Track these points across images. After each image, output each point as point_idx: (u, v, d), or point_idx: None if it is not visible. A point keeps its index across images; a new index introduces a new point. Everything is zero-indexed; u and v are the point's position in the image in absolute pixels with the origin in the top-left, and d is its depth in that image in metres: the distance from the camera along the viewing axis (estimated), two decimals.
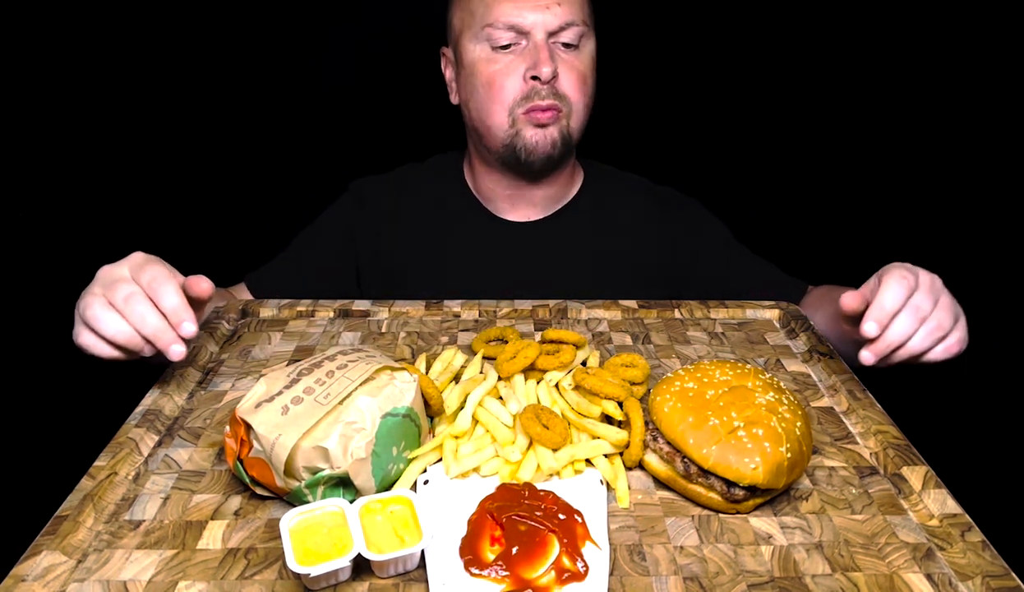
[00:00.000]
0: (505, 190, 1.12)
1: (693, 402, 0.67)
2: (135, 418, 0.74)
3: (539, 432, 0.66)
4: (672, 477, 0.66)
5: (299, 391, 0.64)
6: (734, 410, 0.65)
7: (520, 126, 1.03)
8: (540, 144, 1.03)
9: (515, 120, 1.02)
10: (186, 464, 0.70)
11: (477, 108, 1.06)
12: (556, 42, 1.02)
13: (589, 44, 1.06)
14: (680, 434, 0.65)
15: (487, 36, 1.02)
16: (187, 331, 0.72)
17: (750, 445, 0.63)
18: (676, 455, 0.66)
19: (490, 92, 1.03)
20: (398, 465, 0.66)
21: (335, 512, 0.59)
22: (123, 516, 0.63)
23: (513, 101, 1.02)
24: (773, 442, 0.63)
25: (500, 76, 1.02)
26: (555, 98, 1.01)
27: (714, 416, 0.65)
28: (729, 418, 0.65)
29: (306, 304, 0.98)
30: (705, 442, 0.64)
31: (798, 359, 0.88)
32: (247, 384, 0.82)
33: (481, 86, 1.04)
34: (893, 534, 0.62)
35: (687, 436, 0.65)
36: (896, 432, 0.74)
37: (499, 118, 1.03)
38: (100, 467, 0.67)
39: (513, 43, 1.02)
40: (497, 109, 1.03)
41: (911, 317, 0.75)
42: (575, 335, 0.82)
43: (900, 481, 0.68)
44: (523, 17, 1.00)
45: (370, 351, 0.71)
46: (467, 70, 1.06)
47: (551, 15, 1.00)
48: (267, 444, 0.61)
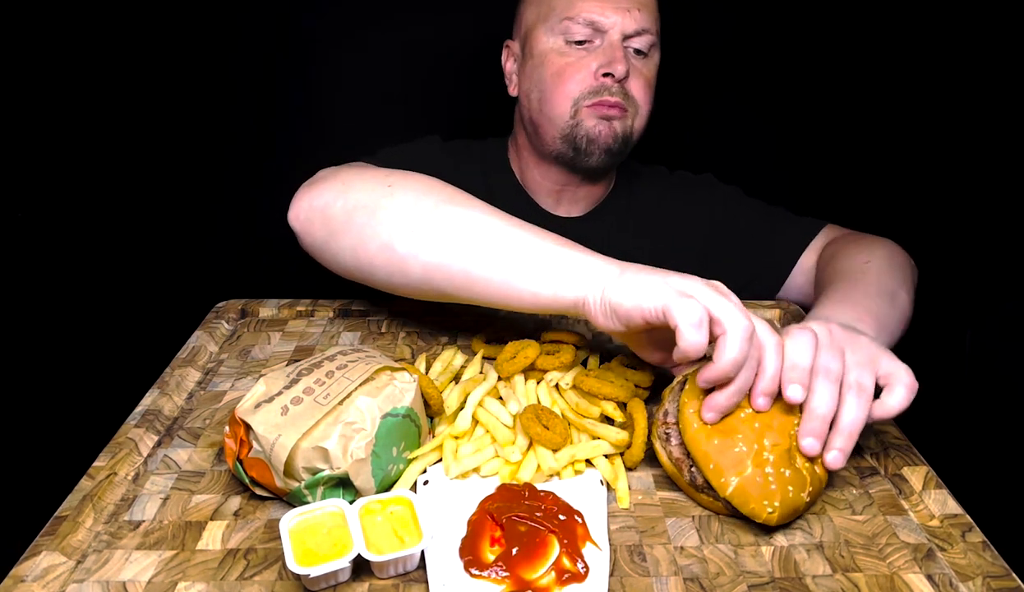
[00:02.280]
0: (553, 185, 1.12)
1: (724, 421, 0.63)
2: (134, 418, 0.74)
3: (539, 432, 0.66)
4: (677, 476, 0.66)
5: (299, 391, 0.64)
6: (767, 438, 0.61)
7: (582, 117, 1.02)
8: (603, 134, 1.03)
9: (578, 110, 1.02)
10: (185, 464, 0.70)
11: (540, 98, 1.05)
12: (628, 47, 1.03)
13: (656, 55, 1.07)
14: (704, 454, 0.62)
15: (564, 29, 1.02)
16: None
17: (773, 487, 0.60)
18: (687, 464, 0.64)
19: (558, 82, 1.03)
20: (398, 465, 0.66)
21: (335, 513, 0.59)
22: (122, 516, 0.63)
23: (580, 94, 1.02)
24: (797, 487, 0.60)
25: (571, 69, 1.02)
26: (623, 98, 1.02)
27: (743, 442, 0.61)
28: (760, 446, 0.61)
29: (305, 304, 0.98)
30: (727, 470, 0.60)
31: None
32: (247, 384, 0.82)
33: (549, 76, 1.04)
34: (894, 534, 0.62)
35: (710, 459, 0.61)
36: (897, 432, 0.74)
37: (562, 108, 1.03)
38: (99, 467, 0.67)
39: (588, 40, 1.02)
40: (561, 99, 1.03)
41: (824, 385, 0.63)
42: (575, 335, 0.82)
43: (901, 481, 0.68)
44: (604, 15, 1.01)
45: (370, 351, 0.71)
46: (536, 60, 1.06)
47: (631, 19, 1.01)
48: (267, 445, 0.61)
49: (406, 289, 0.79)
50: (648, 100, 1.05)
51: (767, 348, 0.62)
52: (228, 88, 1.42)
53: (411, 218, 0.76)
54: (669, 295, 0.62)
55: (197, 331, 0.92)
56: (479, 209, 0.76)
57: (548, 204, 1.14)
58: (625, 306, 0.64)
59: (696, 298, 0.61)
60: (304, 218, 0.83)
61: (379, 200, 0.78)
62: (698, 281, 0.64)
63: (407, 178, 0.80)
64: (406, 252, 0.75)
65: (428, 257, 0.74)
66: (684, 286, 0.63)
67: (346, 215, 0.79)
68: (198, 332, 0.92)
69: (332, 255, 0.82)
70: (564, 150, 1.05)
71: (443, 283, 0.75)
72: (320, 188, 0.83)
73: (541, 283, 0.70)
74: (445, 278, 0.74)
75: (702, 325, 0.60)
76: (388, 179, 0.80)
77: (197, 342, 0.89)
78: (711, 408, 0.63)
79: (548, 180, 1.12)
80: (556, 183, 1.12)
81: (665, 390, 0.70)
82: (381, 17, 1.39)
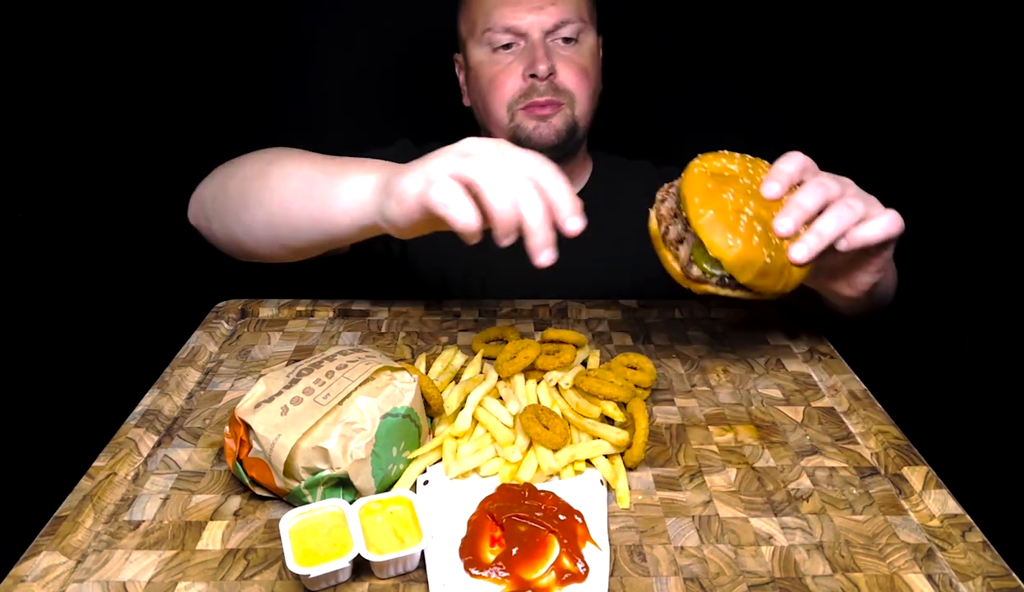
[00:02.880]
0: None
1: (723, 177, 0.69)
2: (134, 418, 0.74)
3: (539, 432, 0.66)
4: (656, 236, 0.71)
5: (298, 391, 0.64)
6: (754, 201, 0.67)
7: (518, 120, 1.06)
8: (543, 134, 1.05)
9: (514, 115, 1.06)
10: (185, 464, 0.70)
11: (482, 108, 1.10)
12: (555, 39, 1.05)
13: (589, 38, 1.09)
14: (691, 190, 0.68)
15: (488, 40, 1.06)
16: (573, 226, 0.66)
17: (742, 229, 0.65)
18: (669, 218, 0.69)
19: (492, 90, 1.07)
20: (398, 466, 0.66)
21: (335, 513, 0.59)
22: (122, 516, 0.63)
23: (512, 99, 1.05)
24: (762, 242, 0.65)
25: (501, 75, 1.06)
26: (554, 94, 1.04)
27: (733, 194, 0.67)
28: (744, 202, 0.66)
29: (305, 304, 0.98)
30: (707, 205, 0.66)
31: (799, 359, 0.88)
32: (246, 384, 0.82)
33: (484, 86, 1.08)
34: (894, 534, 0.62)
35: (695, 195, 0.67)
36: (897, 432, 0.74)
37: (499, 114, 1.07)
38: (99, 467, 0.67)
39: (513, 43, 1.06)
40: (497, 107, 1.07)
41: (815, 188, 0.69)
42: (575, 335, 0.82)
43: (901, 481, 0.68)
44: (519, 19, 1.04)
45: (370, 351, 0.71)
46: (473, 72, 1.11)
47: (545, 15, 1.04)
48: (266, 445, 0.61)
49: (281, 250, 0.87)
50: (587, 85, 1.06)
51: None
52: (227, 88, 1.42)
53: (248, 185, 0.86)
54: (423, 186, 0.68)
55: (197, 331, 0.92)
56: (294, 160, 0.84)
57: None
58: (405, 204, 0.70)
59: (452, 172, 0.66)
60: (192, 215, 0.96)
61: (225, 182, 0.90)
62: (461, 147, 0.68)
63: (248, 157, 0.90)
64: (252, 217, 0.85)
65: (263, 213, 0.84)
66: (440, 164, 0.68)
67: (212, 202, 0.92)
68: (198, 332, 0.92)
69: (218, 241, 0.94)
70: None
71: (287, 230, 0.83)
72: (199, 188, 0.95)
73: (347, 202, 0.77)
74: (285, 224, 0.83)
75: (458, 205, 0.65)
76: (235, 161, 0.91)
77: (197, 342, 0.89)
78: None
79: None
80: None
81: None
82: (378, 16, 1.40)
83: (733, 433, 0.75)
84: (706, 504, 0.65)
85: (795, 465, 0.70)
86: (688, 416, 0.77)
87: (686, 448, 0.72)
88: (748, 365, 0.87)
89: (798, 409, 0.79)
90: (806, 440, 0.74)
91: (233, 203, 0.88)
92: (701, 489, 0.67)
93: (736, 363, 0.87)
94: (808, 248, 0.67)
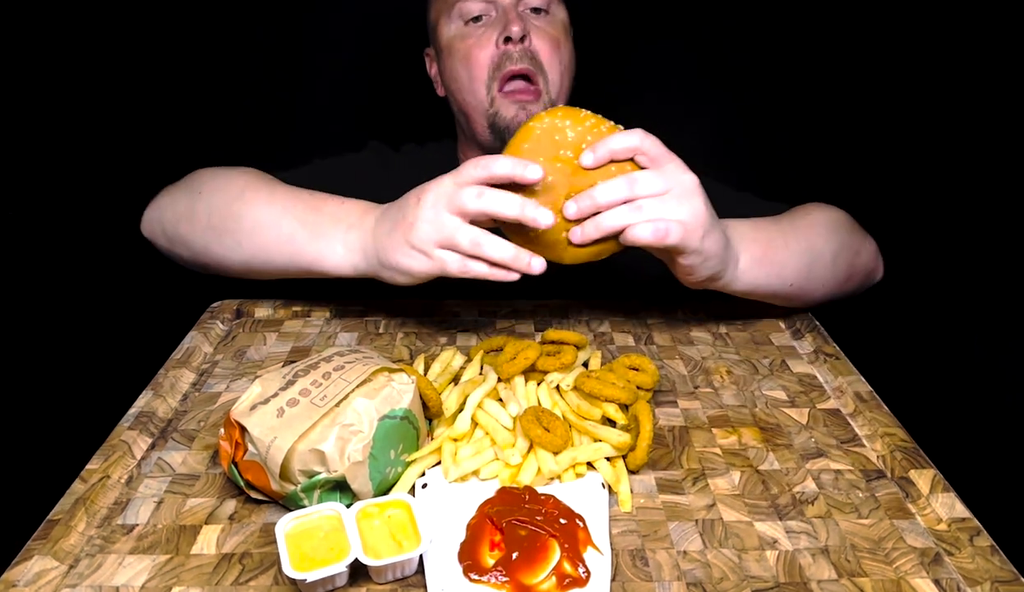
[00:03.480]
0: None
1: (551, 141, 0.75)
2: (128, 420, 0.74)
3: (540, 435, 0.66)
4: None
5: (295, 393, 0.64)
6: (563, 175, 0.74)
7: (498, 106, 1.03)
8: (523, 122, 1.03)
9: (493, 99, 1.03)
10: (180, 467, 0.69)
11: (458, 88, 1.06)
12: (525, 9, 1.05)
13: (559, 11, 1.08)
14: (512, 142, 0.76)
15: (459, 12, 1.05)
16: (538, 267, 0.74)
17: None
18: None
19: (466, 66, 1.04)
20: (396, 468, 0.66)
21: (331, 516, 0.59)
22: (116, 520, 0.63)
23: (488, 71, 1.02)
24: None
25: (474, 48, 1.03)
26: (529, 62, 1.01)
27: (543, 162, 0.73)
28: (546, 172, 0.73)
29: (302, 304, 0.98)
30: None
31: (804, 360, 0.88)
32: (242, 386, 0.82)
33: (459, 63, 1.05)
34: (900, 539, 0.62)
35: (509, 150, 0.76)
36: (904, 435, 0.73)
37: (478, 94, 1.03)
38: (92, 470, 0.67)
39: (484, 14, 1.04)
40: (476, 85, 1.03)
41: (620, 187, 0.73)
42: (576, 336, 0.82)
43: (907, 485, 0.68)
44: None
45: (367, 352, 0.71)
46: (445, 52, 1.08)
47: None
48: (262, 447, 0.61)
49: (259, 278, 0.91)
50: (560, 58, 1.05)
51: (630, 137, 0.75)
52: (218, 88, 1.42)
53: (218, 222, 0.89)
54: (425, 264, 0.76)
55: (192, 332, 0.92)
56: (264, 204, 0.87)
57: None
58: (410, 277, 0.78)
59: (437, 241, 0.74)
60: (147, 230, 0.98)
61: (192, 208, 0.91)
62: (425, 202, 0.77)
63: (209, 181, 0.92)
64: (226, 256, 0.89)
65: (239, 256, 0.88)
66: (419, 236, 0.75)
67: (175, 226, 0.93)
68: (192, 333, 0.92)
69: (181, 261, 0.97)
70: (492, 141, 1.05)
71: (269, 271, 0.88)
72: (155, 205, 0.97)
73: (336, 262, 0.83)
74: (266, 268, 0.88)
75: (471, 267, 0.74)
76: (195, 183, 0.93)
77: (191, 343, 0.89)
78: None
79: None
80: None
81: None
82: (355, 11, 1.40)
83: (737, 435, 0.74)
84: (709, 508, 0.65)
85: (800, 468, 0.70)
86: (691, 418, 0.77)
87: (689, 451, 0.72)
88: (752, 366, 0.87)
89: (803, 411, 0.79)
90: (811, 443, 0.74)
91: (203, 236, 0.90)
92: (704, 492, 0.67)
93: (740, 364, 0.87)
94: (583, 234, 0.75)
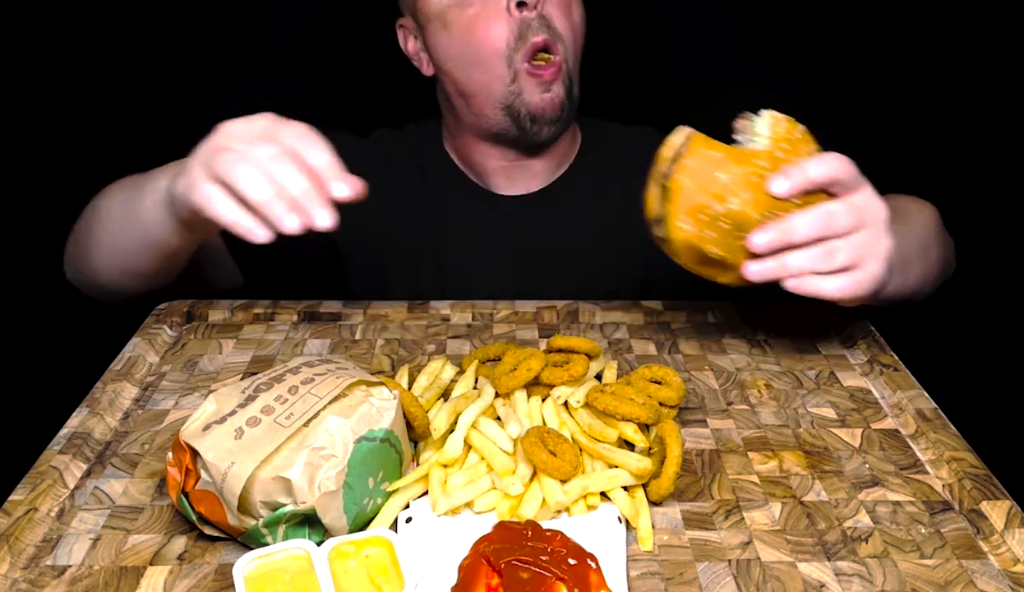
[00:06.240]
0: (500, 162, 1.12)
1: (739, 152, 0.76)
2: (58, 443, 0.74)
3: (545, 460, 0.66)
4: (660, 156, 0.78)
5: (256, 411, 0.64)
6: (750, 192, 0.74)
7: (522, 84, 1.02)
8: (547, 109, 1.03)
9: (517, 74, 1.02)
10: (120, 498, 0.69)
11: (459, 66, 1.04)
12: None
13: None
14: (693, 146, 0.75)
15: None
16: (340, 191, 0.74)
17: (702, 218, 0.75)
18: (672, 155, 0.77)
19: (475, 41, 1.02)
20: (375, 500, 0.66)
21: (299, 556, 0.59)
22: (44, 560, 0.63)
23: (507, 45, 1.01)
24: (718, 241, 0.76)
25: (479, 20, 1.01)
26: (547, 31, 1.01)
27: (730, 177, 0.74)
28: (734, 191, 0.74)
29: (264, 305, 0.98)
30: (693, 174, 0.75)
31: (856, 372, 0.88)
32: (193, 402, 0.82)
33: (461, 38, 1.03)
34: (970, 582, 0.62)
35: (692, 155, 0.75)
36: (974, 460, 0.74)
37: (496, 70, 1.02)
38: (17, 502, 0.67)
39: None
40: (491, 60, 1.02)
41: (819, 220, 0.75)
42: (588, 343, 0.82)
43: (979, 518, 0.68)
44: None
45: (341, 363, 0.71)
46: (436, 24, 1.05)
47: None
48: (217, 474, 0.61)
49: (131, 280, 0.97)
50: (572, 26, 1.04)
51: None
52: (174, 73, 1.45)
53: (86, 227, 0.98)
54: (187, 188, 0.77)
55: (134, 338, 0.92)
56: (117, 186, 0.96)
57: (499, 184, 1.14)
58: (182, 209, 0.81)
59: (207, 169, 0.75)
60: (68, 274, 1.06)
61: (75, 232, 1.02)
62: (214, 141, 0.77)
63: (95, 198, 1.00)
64: (95, 257, 0.97)
65: (99, 250, 0.96)
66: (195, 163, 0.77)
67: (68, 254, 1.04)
68: (135, 339, 0.92)
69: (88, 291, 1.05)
70: (507, 126, 1.05)
71: (121, 256, 0.94)
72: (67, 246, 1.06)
73: (152, 210, 0.87)
74: (118, 251, 0.94)
75: (217, 204, 0.75)
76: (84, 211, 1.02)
77: (134, 351, 0.89)
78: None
79: (494, 159, 1.12)
80: (504, 159, 1.12)
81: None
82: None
83: (777, 461, 0.75)
84: (745, 546, 0.65)
85: (852, 499, 0.70)
86: (724, 440, 0.77)
87: (721, 478, 0.72)
88: (795, 379, 0.87)
89: (855, 432, 0.79)
90: (865, 469, 0.74)
91: (80, 249, 1.00)
92: (739, 528, 0.67)
93: (781, 376, 0.87)
94: (763, 273, 0.76)
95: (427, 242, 1.14)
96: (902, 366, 0.88)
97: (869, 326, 0.95)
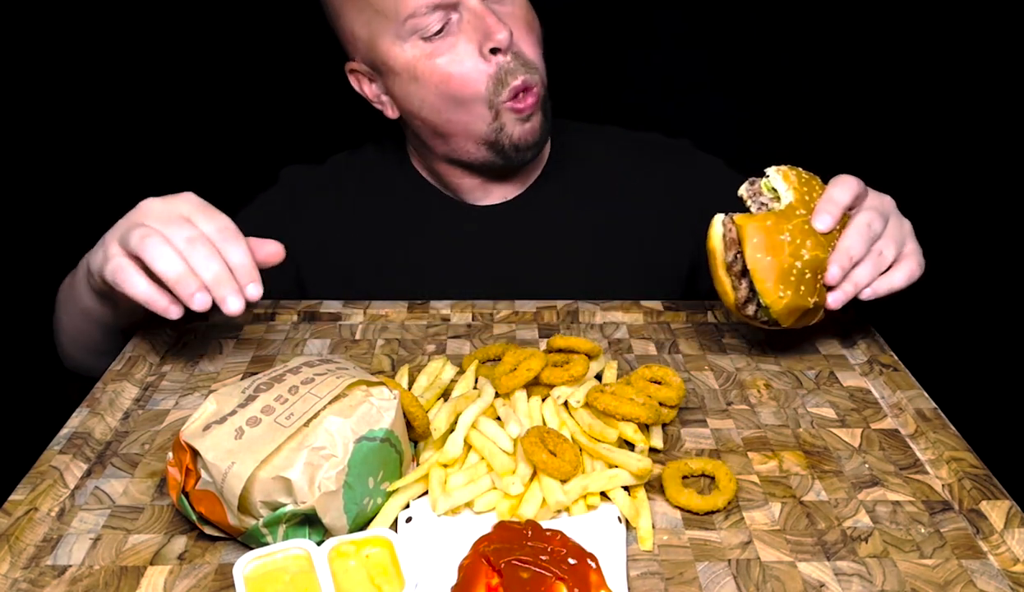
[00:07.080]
0: (475, 180, 1.13)
1: (780, 213, 0.82)
2: (59, 443, 0.74)
3: (545, 460, 0.66)
4: (718, 259, 0.83)
5: (256, 411, 0.64)
6: (810, 239, 0.81)
7: (504, 121, 1.02)
8: (528, 136, 1.04)
9: (498, 113, 1.01)
10: (120, 498, 0.70)
11: (439, 112, 1.03)
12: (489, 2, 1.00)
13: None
14: (750, 229, 0.81)
15: (414, 28, 0.98)
16: (253, 293, 0.78)
17: (793, 278, 0.81)
18: (736, 246, 0.82)
19: (452, 90, 1.00)
20: (375, 499, 0.66)
21: (299, 556, 0.59)
22: (45, 560, 0.63)
23: (487, 90, 1.00)
24: (808, 291, 0.82)
25: (455, 67, 0.99)
26: (524, 69, 1.00)
27: (790, 234, 0.81)
28: (800, 243, 0.81)
29: (265, 305, 0.98)
30: (765, 249, 0.81)
31: (856, 372, 0.88)
32: (193, 402, 0.82)
33: (436, 88, 1.00)
34: (970, 582, 0.62)
35: (755, 235, 0.81)
36: (974, 460, 0.74)
37: (477, 112, 1.01)
38: (17, 501, 0.67)
39: (444, 23, 0.99)
40: (471, 105, 1.01)
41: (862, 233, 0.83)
42: (588, 343, 0.82)
43: (979, 518, 0.68)
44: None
45: (342, 363, 0.71)
46: (405, 76, 1.02)
47: None
48: (218, 474, 0.61)
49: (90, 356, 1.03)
50: (534, 40, 1.04)
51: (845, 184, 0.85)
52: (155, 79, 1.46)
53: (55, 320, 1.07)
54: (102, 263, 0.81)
55: (134, 338, 0.92)
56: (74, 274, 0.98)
57: (476, 197, 1.15)
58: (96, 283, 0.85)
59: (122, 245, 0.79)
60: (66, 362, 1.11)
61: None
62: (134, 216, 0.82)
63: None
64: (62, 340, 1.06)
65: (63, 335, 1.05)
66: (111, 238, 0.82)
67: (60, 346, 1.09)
68: (135, 339, 0.92)
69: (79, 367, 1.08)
70: (490, 158, 1.06)
71: (75, 334, 1.02)
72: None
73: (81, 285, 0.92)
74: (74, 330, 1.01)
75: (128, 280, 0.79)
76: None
77: (134, 351, 0.89)
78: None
79: (469, 178, 1.13)
80: (479, 178, 1.12)
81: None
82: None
83: (777, 461, 0.75)
84: (745, 546, 0.65)
85: (851, 499, 0.70)
86: (723, 440, 0.77)
87: None
88: (795, 379, 0.87)
89: (855, 432, 0.79)
90: (864, 469, 0.74)
91: (55, 335, 1.08)
92: (739, 528, 0.67)
93: (780, 376, 0.87)
94: (844, 296, 0.83)
95: (402, 258, 1.13)
96: (902, 366, 0.88)
97: (869, 327, 0.95)
